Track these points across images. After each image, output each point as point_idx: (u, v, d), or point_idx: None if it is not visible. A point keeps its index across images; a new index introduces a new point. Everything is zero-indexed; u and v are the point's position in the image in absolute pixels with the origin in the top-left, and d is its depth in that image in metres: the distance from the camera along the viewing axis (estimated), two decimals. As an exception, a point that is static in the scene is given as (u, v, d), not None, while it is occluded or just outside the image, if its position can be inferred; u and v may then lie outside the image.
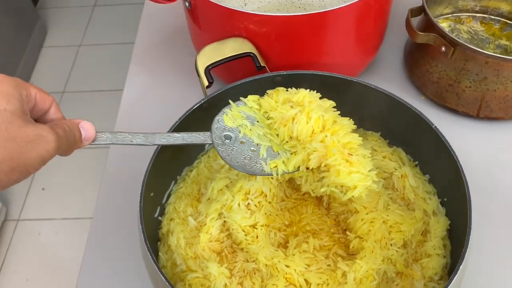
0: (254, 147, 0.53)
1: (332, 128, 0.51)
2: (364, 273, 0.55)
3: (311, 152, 0.51)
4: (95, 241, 0.69)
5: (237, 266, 0.58)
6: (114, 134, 0.48)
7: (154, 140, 0.50)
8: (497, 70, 0.70)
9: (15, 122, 0.39)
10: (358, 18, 0.69)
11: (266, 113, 0.55)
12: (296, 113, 0.52)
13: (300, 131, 0.51)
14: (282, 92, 0.55)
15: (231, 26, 0.68)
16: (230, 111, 0.54)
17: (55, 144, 0.42)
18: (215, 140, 0.53)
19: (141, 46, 0.94)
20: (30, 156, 0.40)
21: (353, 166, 0.49)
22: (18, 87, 0.42)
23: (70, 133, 0.45)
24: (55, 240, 1.79)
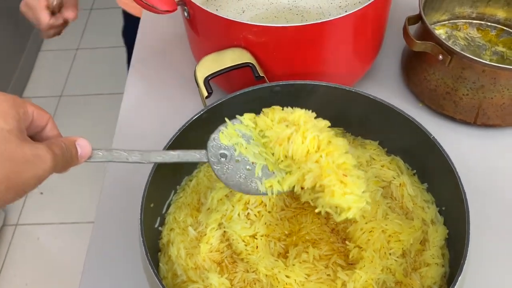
0: (250, 165, 0.53)
1: (327, 149, 0.51)
2: (363, 283, 0.55)
3: (306, 172, 0.51)
4: (96, 249, 0.70)
5: (238, 277, 0.58)
6: (110, 151, 0.48)
7: (149, 158, 0.50)
8: (494, 79, 0.70)
9: (13, 141, 0.39)
10: (356, 28, 0.70)
11: (262, 131, 0.55)
12: (291, 133, 0.52)
13: (295, 151, 0.52)
14: (278, 111, 0.55)
15: (229, 36, 0.69)
16: (226, 129, 0.54)
17: (52, 163, 0.42)
18: (210, 158, 0.53)
19: (139, 54, 0.95)
20: (26, 176, 0.40)
21: (348, 187, 0.49)
22: (15, 105, 0.41)
23: (66, 151, 0.44)
24: (54, 245, 1.79)
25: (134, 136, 0.81)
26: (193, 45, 0.81)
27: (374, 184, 0.63)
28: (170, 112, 0.84)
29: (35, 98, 2.24)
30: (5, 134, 0.39)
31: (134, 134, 0.82)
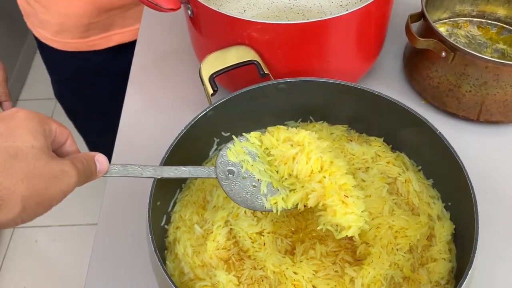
0: (256, 182, 0.55)
1: (329, 169, 0.54)
2: (372, 279, 0.55)
3: (310, 192, 0.53)
4: (101, 249, 0.69)
5: (245, 274, 0.58)
6: (125, 166, 0.51)
7: (162, 174, 0.52)
8: (497, 75, 0.70)
9: (42, 158, 0.41)
10: (359, 25, 0.70)
11: (267, 149, 0.57)
12: (296, 153, 0.54)
13: (300, 170, 0.54)
14: (283, 130, 0.57)
15: (234, 34, 0.69)
16: (234, 146, 0.56)
17: (76, 178, 0.43)
18: (219, 174, 0.55)
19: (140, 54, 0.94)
20: (54, 191, 0.41)
21: (349, 208, 0.52)
22: (42, 123, 0.43)
23: (87, 167, 0.46)
24: (52, 247, 1.78)
25: (137, 136, 0.81)
26: (196, 44, 0.81)
27: (380, 181, 0.63)
28: (174, 112, 0.84)
29: (32, 100, 2.23)
30: (35, 151, 0.41)
31: (137, 134, 0.81)
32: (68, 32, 1.02)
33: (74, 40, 1.03)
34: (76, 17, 0.99)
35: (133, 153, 0.79)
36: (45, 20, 1.02)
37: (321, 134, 0.67)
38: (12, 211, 0.39)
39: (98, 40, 1.05)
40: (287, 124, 0.72)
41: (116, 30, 1.05)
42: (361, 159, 0.66)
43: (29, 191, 0.40)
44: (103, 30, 1.03)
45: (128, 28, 1.06)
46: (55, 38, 1.04)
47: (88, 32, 1.02)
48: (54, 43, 1.05)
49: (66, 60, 1.09)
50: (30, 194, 0.40)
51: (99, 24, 1.02)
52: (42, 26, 1.04)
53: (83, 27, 1.01)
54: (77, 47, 1.05)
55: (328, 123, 0.70)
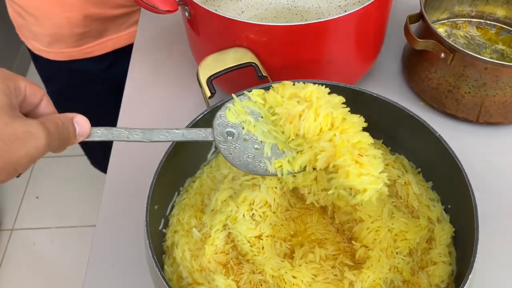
0: (258, 144, 0.50)
1: (341, 126, 0.48)
2: (371, 283, 0.55)
3: (319, 152, 0.48)
4: (98, 252, 0.69)
5: (244, 278, 0.58)
6: (109, 130, 0.46)
7: (152, 137, 0.47)
8: (496, 76, 0.70)
9: (2, 118, 0.37)
10: (358, 26, 0.69)
11: (271, 108, 0.52)
12: (303, 110, 0.49)
13: (307, 128, 0.48)
14: (289, 86, 0.51)
15: (231, 36, 0.68)
16: (233, 106, 0.51)
17: (45, 141, 0.39)
18: (216, 137, 0.50)
19: (138, 56, 0.94)
20: (18, 155, 0.37)
21: (364, 168, 0.46)
22: (5, 79, 0.39)
23: (63, 129, 0.42)
24: (50, 249, 1.78)
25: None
26: (194, 46, 0.80)
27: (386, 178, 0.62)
28: (171, 114, 0.83)
29: (29, 101, 2.22)
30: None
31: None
32: (62, 42, 1.01)
33: (69, 49, 1.02)
34: (69, 28, 0.98)
35: (131, 155, 0.78)
36: (37, 31, 1.01)
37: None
38: None
39: (93, 47, 1.04)
40: (285, 126, 0.71)
41: (110, 36, 1.04)
42: (360, 161, 0.65)
43: None
44: (97, 37, 1.03)
45: (123, 33, 1.05)
46: (48, 49, 1.03)
47: (82, 41, 1.01)
48: (48, 54, 1.04)
49: (60, 71, 1.08)
50: None
51: (93, 32, 1.01)
52: (34, 38, 1.03)
53: (77, 36, 1.00)
54: (71, 55, 1.04)
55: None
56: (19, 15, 1.02)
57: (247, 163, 0.50)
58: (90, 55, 1.05)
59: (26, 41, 1.06)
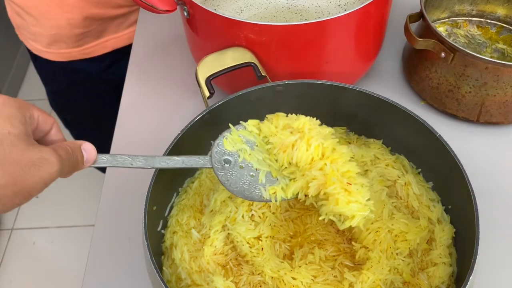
0: (253, 172, 0.53)
1: (331, 156, 0.51)
2: (371, 284, 0.54)
3: (310, 180, 0.51)
4: (97, 253, 0.68)
5: (243, 279, 0.57)
6: (114, 156, 0.49)
7: (154, 164, 0.50)
8: (497, 76, 0.70)
9: (19, 145, 0.39)
10: (358, 26, 0.69)
11: (266, 138, 0.55)
12: (296, 140, 0.52)
13: (300, 158, 0.51)
14: (282, 117, 0.55)
15: (230, 35, 0.68)
16: (230, 135, 0.54)
17: (58, 167, 0.42)
18: (214, 164, 0.53)
19: (137, 56, 0.93)
20: (33, 180, 0.40)
21: (352, 196, 0.49)
22: (21, 108, 0.41)
23: (72, 155, 0.44)
24: (50, 249, 1.78)
25: (134, 138, 0.80)
26: (193, 45, 0.80)
27: (379, 184, 0.62)
28: (170, 114, 0.83)
29: (29, 100, 2.22)
30: (12, 138, 0.39)
31: (133, 136, 0.81)
32: (61, 43, 1.01)
33: (68, 49, 1.02)
34: (68, 28, 0.97)
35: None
36: (37, 32, 1.00)
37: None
38: None
39: (93, 48, 1.03)
40: (285, 126, 0.71)
41: (110, 36, 1.04)
42: (360, 161, 0.65)
43: (5, 180, 0.38)
44: (97, 37, 1.02)
45: (122, 33, 1.05)
46: (48, 49, 1.03)
47: (82, 41, 1.01)
48: (48, 54, 1.04)
49: (60, 71, 1.07)
50: (6, 182, 0.38)
51: (92, 32, 1.01)
52: (34, 38, 1.02)
53: (77, 37, 1.00)
54: (71, 56, 1.03)
55: (326, 126, 0.69)
56: (18, 15, 1.02)
57: (243, 190, 0.52)
58: (90, 56, 1.05)
59: (26, 42, 1.06)
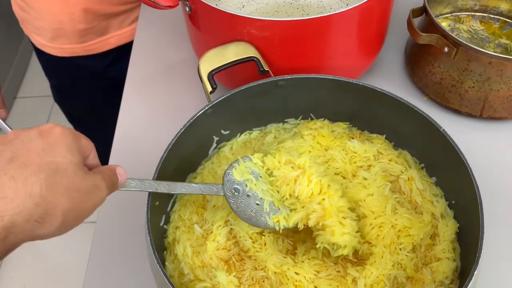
0: (259, 201, 0.58)
1: (328, 192, 0.57)
2: (374, 279, 0.54)
3: (311, 212, 0.56)
4: (99, 249, 0.68)
5: (246, 275, 0.57)
6: (142, 181, 0.53)
7: (175, 189, 0.55)
8: (500, 70, 0.69)
9: (79, 173, 0.42)
10: (361, 21, 0.69)
11: (269, 170, 0.60)
12: (298, 175, 0.58)
13: (301, 192, 0.57)
14: (284, 154, 0.60)
15: (233, 31, 0.67)
16: (238, 166, 0.59)
17: (107, 192, 0.45)
18: (226, 192, 0.57)
19: (138, 52, 0.93)
20: (88, 205, 0.43)
21: (345, 228, 0.55)
22: (76, 138, 0.44)
23: (112, 180, 0.47)
24: (52, 246, 1.77)
25: (135, 133, 0.80)
26: (195, 40, 0.80)
27: (382, 179, 0.62)
28: (172, 110, 0.83)
29: (30, 98, 2.22)
30: (73, 167, 0.42)
31: (135, 131, 0.80)
32: (64, 38, 1.00)
33: (71, 45, 1.02)
34: (71, 24, 0.97)
35: (132, 150, 0.78)
36: (40, 26, 1.00)
37: (322, 132, 0.66)
38: (54, 224, 0.40)
39: (96, 44, 1.03)
40: (287, 121, 0.71)
41: (113, 33, 1.04)
42: (363, 157, 0.65)
43: (69, 205, 0.41)
44: (100, 34, 1.02)
45: (126, 29, 1.05)
46: (51, 44, 1.02)
47: (85, 37, 1.01)
48: (51, 49, 1.04)
49: (63, 67, 1.07)
50: (70, 208, 0.41)
51: (96, 29, 1.00)
52: (37, 32, 1.02)
53: (80, 33, 0.99)
54: (74, 52, 1.03)
55: (329, 121, 0.69)
56: (21, 10, 1.02)
57: (251, 217, 0.57)
58: (93, 52, 1.05)
59: (30, 35, 1.06)
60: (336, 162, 0.64)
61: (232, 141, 0.69)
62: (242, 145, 0.69)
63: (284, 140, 0.66)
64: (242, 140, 0.69)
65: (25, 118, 2.10)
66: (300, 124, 0.69)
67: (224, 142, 0.69)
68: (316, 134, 0.66)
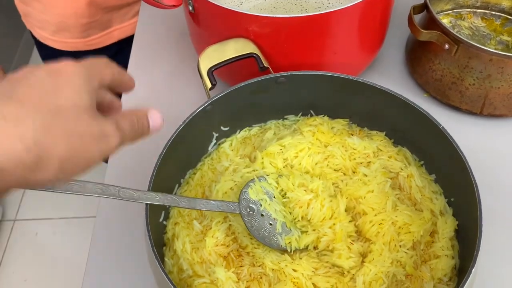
0: (272, 221, 0.59)
1: (338, 217, 0.59)
2: (373, 276, 0.54)
3: (321, 236, 0.58)
4: (99, 244, 0.68)
5: (244, 271, 0.57)
6: (165, 196, 0.54)
7: (195, 205, 0.56)
8: (501, 68, 0.69)
9: (84, 118, 0.38)
10: (362, 18, 0.68)
11: (282, 191, 0.61)
12: (311, 199, 0.59)
13: (314, 215, 0.59)
14: (298, 176, 0.61)
15: (232, 27, 0.67)
16: (254, 185, 0.60)
17: (118, 141, 0.41)
18: (242, 211, 0.58)
19: (138, 47, 0.93)
20: (92, 154, 0.39)
21: (352, 253, 0.57)
22: (91, 79, 0.40)
23: (137, 124, 0.44)
24: (52, 240, 1.78)
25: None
26: (195, 37, 0.79)
27: (382, 175, 0.62)
28: (171, 106, 0.82)
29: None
30: (77, 110, 0.38)
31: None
32: (67, 32, 1.00)
33: (74, 40, 1.02)
34: (74, 17, 0.97)
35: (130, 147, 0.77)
36: (43, 19, 1.00)
37: (321, 129, 0.66)
38: (48, 170, 0.37)
39: (99, 39, 1.03)
40: (287, 118, 0.71)
41: (115, 26, 1.04)
42: (362, 153, 0.64)
43: (67, 152, 0.37)
44: (102, 28, 1.02)
45: (128, 22, 1.05)
46: (53, 37, 1.02)
47: (88, 32, 1.01)
48: (53, 42, 1.04)
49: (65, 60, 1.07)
50: (68, 155, 0.37)
51: (98, 23, 1.00)
52: (40, 26, 1.02)
53: (82, 27, 0.99)
54: (76, 46, 1.03)
55: (329, 117, 0.69)
56: (24, 3, 1.02)
57: (264, 237, 0.58)
58: (95, 47, 1.05)
59: (32, 30, 1.06)
60: (336, 159, 0.64)
61: (232, 137, 0.69)
62: (242, 141, 0.69)
63: (283, 136, 0.66)
64: (241, 136, 0.69)
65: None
66: (300, 121, 0.69)
67: (224, 138, 0.69)
68: (316, 130, 0.66)
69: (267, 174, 0.62)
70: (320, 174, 0.63)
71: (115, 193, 0.50)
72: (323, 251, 0.58)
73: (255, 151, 0.66)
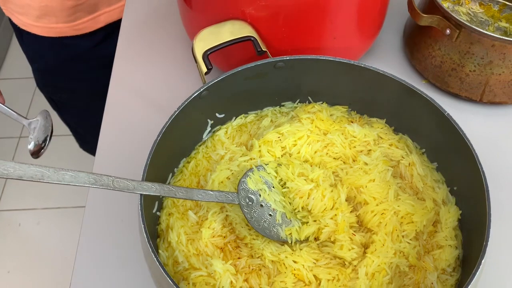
0: (271, 212, 0.57)
1: (340, 208, 0.57)
2: (376, 268, 0.53)
3: (323, 227, 0.56)
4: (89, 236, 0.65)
5: (242, 262, 0.55)
6: (162, 186, 0.52)
7: (192, 196, 0.54)
8: (503, 54, 0.68)
9: None
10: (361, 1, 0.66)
11: (282, 181, 0.59)
12: (311, 189, 0.57)
13: (315, 206, 0.57)
14: (298, 165, 0.59)
15: (228, 8, 0.64)
16: (253, 175, 0.58)
17: None
18: (241, 201, 0.56)
19: (127, 31, 0.89)
20: None
21: (353, 244, 0.55)
22: None
23: None
24: (36, 231, 1.74)
25: (125, 117, 0.77)
26: (187, 20, 0.76)
27: (383, 164, 0.60)
28: (164, 92, 0.79)
29: (12, 79, 2.16)
30: None
31: (125, 115, 0.77)
32: (52, 16, 0.95)
33: (60, 24, 0.97)
34: (59, 0, 0.92)
35: (123, 134, 0.75)
36: (26, 4, 0.95)
37: (320, 116, 0.64)
38: None
39: (85, 23, 0.98)
40: (284, 105, 0.68)
41: (103, 9, 0.99)
42: (362, 141, 0.62)
43: None
44: (89, 11, 0.97)
45: (116, 5, 1.00)
46: (37, 23, 0.97)
47: (75, 16, 0.96)
48: (36, 29, 0.98)
49: (48, 48, 1.02)
50: None
51: (85, 5, 0.95)
52: (22, 11, 0.97)
53: (69, 10, 0.94)
54: (62, 32, 0.98)
55: (327, 104, 0.67)
56: None
57: (264, 228, 0.56)
58: (82, 32, 1.00)
59: (12, 16, 1.00)
60: (336, 147, 0.62)
61: (227, 125, 0.67)
62: (238, 128, 0.66)
63: (281, 124, 0.64)
64: (237, 124, 0.67)
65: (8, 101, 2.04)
66: (298, 108, 0.67)
67: (219, 126, 0.66)
68: (315, 117, 0.64)
69: (266, 163, 0.59)
70: (319, 163, 0.61)
71: (109, 183, 0.48)
72: (323, 242, 0.56)
73: (252, 139, 0.64)
